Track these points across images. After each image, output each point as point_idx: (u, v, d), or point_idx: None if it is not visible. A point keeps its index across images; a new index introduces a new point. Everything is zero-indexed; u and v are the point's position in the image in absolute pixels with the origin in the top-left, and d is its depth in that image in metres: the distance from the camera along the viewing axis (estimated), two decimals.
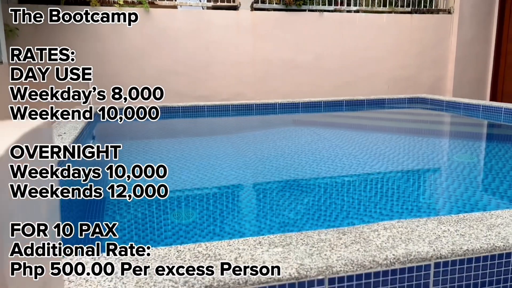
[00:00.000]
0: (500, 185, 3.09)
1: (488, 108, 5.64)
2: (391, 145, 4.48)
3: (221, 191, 3.16)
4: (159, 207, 2.79)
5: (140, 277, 1.22)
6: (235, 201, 3.03)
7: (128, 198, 2.79)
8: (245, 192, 3.20)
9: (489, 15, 8.80)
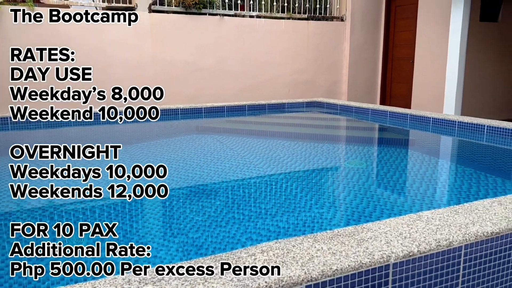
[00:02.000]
0: (385, 191, 3.33)
1: (376, 112, 6.10)
2: (289, 152, 4.61)
3: (109, 209, 2.97)
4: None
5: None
6: (124, 219, 2.87)
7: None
8: (138, 209, 3.04)
9: (377, 22, 9.54)
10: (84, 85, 6.26)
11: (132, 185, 3.00)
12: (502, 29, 8.63)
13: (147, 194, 2.76)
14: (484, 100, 8.67)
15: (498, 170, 3.89)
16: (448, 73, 6.54)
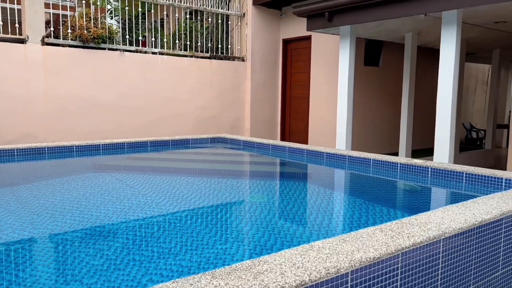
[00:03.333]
0: (285, 223, 3.47)
1: (276, 147, 6.39)
2: (192, 188, 4.59)
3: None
4: None
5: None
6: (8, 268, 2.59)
7: None
8: (32, 255, 2.78)
9: (275, 63, 10.13)
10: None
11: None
12: (383, 73, 9.73)
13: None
14: (370, 135, 9.58)
15: (382, 199, 4.29)
16: (338, 111, 7.14)
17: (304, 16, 7.47)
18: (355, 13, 6.51)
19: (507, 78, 13.54)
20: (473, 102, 14.36)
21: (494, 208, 2.49)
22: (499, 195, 2.88)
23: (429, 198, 4.38)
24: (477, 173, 3.93)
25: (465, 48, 9.17)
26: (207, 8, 9.10)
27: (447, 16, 5.56)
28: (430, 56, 9.72)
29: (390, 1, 5.93)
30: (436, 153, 5.72)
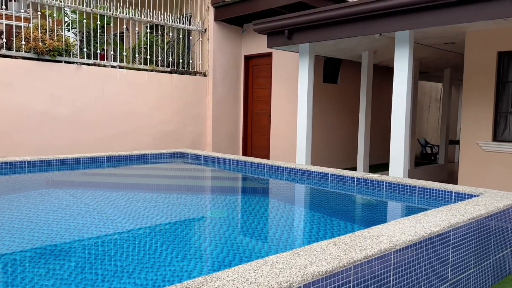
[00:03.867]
0: (244, 238, 3.46)
1: (237, 162, 6.40)
2: (150, 205, 4.50)
3: None
4: None
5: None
6: None
7: None
8: None
9: (237, 79, 10.20)
10: None
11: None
12: (341, 90, 10.01)
13: None
14: (330, 150, 9.77)
15: (339, 213, 4.37)
16: (298, 127, 7.26)
17: (264, 33, 7.60)
18: (313, 31, 6.68)
19: (458, 96, 14.25)
20: (427, 118, 14.99)
21: (442, 221, 2.60)
22: (448, 207, 3.00)
23: (383, 211, 4.50)
24: (429, 187, 4.09)
25: (418, 67, 9.60)
26: (168, 23, 9.08)
27: (400, 36, 5.82)
28: (387, 74, 10.10)
29: (347, 21, 6.15)
30: (391, 168, 5.90)
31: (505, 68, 6.57)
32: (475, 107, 6.75)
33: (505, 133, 6.62)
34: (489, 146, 6.60)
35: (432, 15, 5.24)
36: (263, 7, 8.46)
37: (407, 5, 5.38)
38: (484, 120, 6.66)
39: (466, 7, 4.94)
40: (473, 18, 4.92)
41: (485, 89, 6.63)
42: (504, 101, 6.61)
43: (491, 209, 2.97)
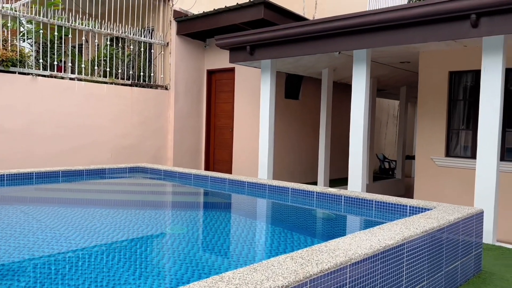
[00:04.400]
0: (204, 254, 3.41)
1: (198, 177, 6.33)
2: (107, 221, 4.37)
3: None
4: None
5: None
6: None
7: None
8: None
9: (199, 93, 10.17)
10: None
11: None
12: (303, 106, 10.18)
13: None
14: (292, 165, 9.87)
15: (299, 227, 4.40)
16: (260, 141, 7.30)
17: (227, 49, 7.65)
18: (274, 48, 6.80)
19: (413, 113, 14.83)
20: (385, 134, 15.48)
21: (397, 234, 2.66)
22: (403, 221, 3.09)
23: (341, 225, 4.57)
24: (385, 201, 4.20)
25: (376, 84, 9.94)
26: (129, 35, 8.97)
27: (358, 55, 6.02)
28: (347, 90, 10.39)
29: (307, 38, 6.30)
30: (350, 182, 6.03)
31: (456, 87, 6.92)
32: (429, 124, 7.04)
33: (457, 149, 6.93)
34: (442, 161, 6.89)
35: (388, 35, 5.47)
36: (225, 23, 8.54)
37: (364, 25, 5.58)
38: (438, 136, 6.95)
39: (419, 28, 5.18)
40: (425, 39, 5.16)
41: (438, 107, 6.94)
42: (455, 118, 6.93)
43: (442, 222, 3.08)
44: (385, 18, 5.37)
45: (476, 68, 5.84)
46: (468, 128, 6.76)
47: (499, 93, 4.75)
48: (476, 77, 6.54)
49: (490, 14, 4.58)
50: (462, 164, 6.62)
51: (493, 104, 4.78)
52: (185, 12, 9.58)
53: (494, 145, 4.79)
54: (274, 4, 8.00)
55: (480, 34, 4.69)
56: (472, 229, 3.55)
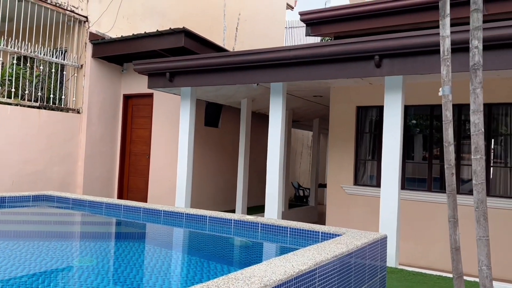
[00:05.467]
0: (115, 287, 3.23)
1: (110, 206, 6.03)
2: (4, 254, 3.96)
3: None
4: None
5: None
6: None
7: None
8: None
9: (115, 118, 9.81)
10: None
11: None
12: (223, 134, 10.28)
13: None
14: (211, 193, 9.83)
15: (217, 256, 4.37)
16: (178, 169, 7.20)
17: (145, 74, 7.54)
18: (195, 76, 6.85)
19: (325, 143, 15.69)
20: (300, 163, 16.12)
21: (309, 259, 2.77)
22: (315, 247, 3.22)
23: (258, 252, 4.63)
24: (299, 228, 4.35)
25: (291, 116, 10.40)
26: (39, 55, 8.45)
27: (275, 87, 6.29)
28: (265, 120, 10.72)
29: (226, 69, 6.45)
30: (267, 210, 6.15)
31: (363, 121, 7.49)
32: (339, 154, 7.50)
33: (364, 178, 7.44)
34: (351, 189, 7.33)
35: (302, 70, 5.80)
36: (144, 48, 8.44)
37: (281, 60, 5.88)
38: (347, 166, 7.42)
39: (331, 65, 5.58)
40: (335, 76, 5.57)
41: (347, 139, 7.44)
42: (362, 149, 7.47)
43: (351, 247, 3.27)
44: (300, 55, 5.70)
45: (380, 104, 6.41)
46: (374, 158, 7.31)
47: (399, 127, 5.24)
48: (380, 112, 7.15)
49: (391, 56, 5.10)
50: (369, 192, 7.11)
51: (395, 137, 5.25)
52: (102, 35, 9.30)
53: (396, 175, 5.23)
54: (195, 33, 8.11)
55: (382, 73, 5.18)
56: (377, 253, 3.81)
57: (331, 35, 7.57)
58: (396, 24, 6.48)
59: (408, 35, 4.99)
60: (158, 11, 10.67)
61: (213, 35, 11.10)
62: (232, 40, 12.54)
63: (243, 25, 13.07)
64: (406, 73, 5.07)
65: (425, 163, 6.88)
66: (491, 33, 4.35)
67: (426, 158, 6.90)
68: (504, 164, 6.30)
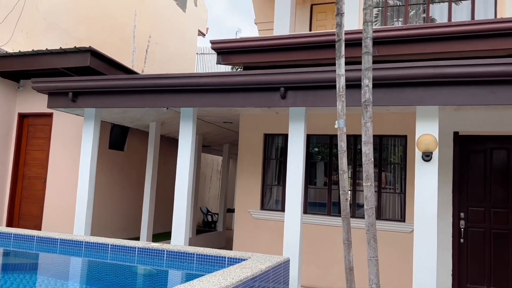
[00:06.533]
0: None
1: None
2: None
3: None
4: None
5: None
6: None
7: None
8: None
9: (7, 138, 9.00)
10: None
11: None
12: (128, 157, 9.93)
13: None
14: (114, 219, 9.36)
15: (118, 286, 4.18)
16: (78, 194, 6.78)
17: (45, 93, 7.07)
18: (100, 97, 6.60)
19: (235, 168, 15.91)
20: (209, 188, 16.10)
21: (215, 285, 2.80)
22: (221, 272, 3.26)
23: (163, 280, 4.52)
24: (206, 254, 4.35)
25: (201, 140, 10.44)
26: None
27: (185, 112, 6.30)
28: (174, 144, 10.59)
29: (135, 91, 6.32)
30: (174, 236, 6.04)
31: (270, 148, 7.80)
32: (247, 179, 7.69)
33: (270, 203, 7.69)
34: (257, 214, 7.52)
35: (213, 97, 5.92)
36: (45, 66, 7.94)
37: (192, 86, 5.94)
38: (254, 191, 7.62)
39: (240, 94, 5.77)
40: (244, 105, 5.77)
41: (255, 164, 7.66)
42: (269, 175, 7.75)
43: (256, 271, 3.36)
44: (210, 82, 5.83)
45: (286, 132, 6.74)
46: (279, 184, 7.61)
47: (302, 154, 5.56)
48: (286, 140, 7.51)
49: (295, 89, 5.44)
50: (274, 216, 7.35)
51: (298, 164, 5.55)
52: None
53: (298, 200, 5.51)
54: (102, 54, 7.85)
55: (287, 104, 5.49)
56: (281, 276, 3.95)
57: (241, 65, 7.83)
58: (301, 59, 6.93)
59: (309, 70, 5.38)
60: (63, 28, 10.16)
61: (121, 56, 10.83)
62: (142, 62, 12.33)
63: (153, 48, 12.94)
64: (308, 105, 5.43)
65: (325, 189, 7.33)
66: (381, 73, 4.88)
67: (326, 184, 7.37)
68: (394, 190, 6.97)
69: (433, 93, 4.82)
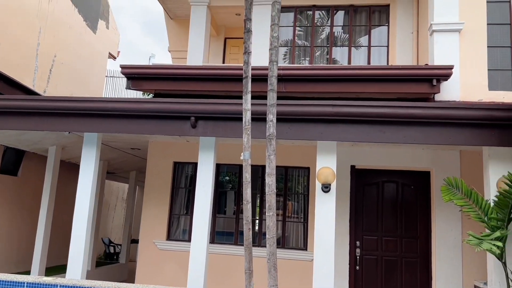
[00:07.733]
0: None
1: None
2: None
3: None
4: None
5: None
6: None
7: None
8: None
9: None
10: None
11: None
12: (23, 183, 9.12)
13: None
14: (2, 251, 8.43)
15: None
16: None
17: None
18: None
19: (141, 196, 15.35)
20: (113, 218, 15.27)
21: None
22: None
23: None
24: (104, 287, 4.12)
25: (106, 167, 9.96)
26: None
27: (88, 137, 6.02)
28: (76, 170, 9.97)
29: (34, 113, 5.91)
30: (69, 269, 5.63)
31: (179, 176, 7.71)
32: (154, 208, 7.47)
33: (177, 233, 7.53)
34: (163, 244, 7.31)
35: (120, 123, 5.75)
36: None
37: (98, 110, 5.73)
38: (161, 220, 7.42)
39: (149, 121, 5.69)
40: (153, 132, 5.69)
41: (163, 193, 7.50)
42: (177, 204, 7.62)
43: None
44: (118, 107, 5.67)
45: (196, 161, 6.74)
46: (187, 213, 7.52)
47: (210, 183, 5.59)
48: (195, 168, 7.49)
49: (205, 119, 5.52)
50: (181, 247, 7.20)
51: (206, 192, 5.57)
52: None
53: (205, 229, 5.50)
54: None
55: (197, 134, 5.54)
56: None
57: (151, 91, 7.73)
58: (213, 89, 7.04)
59: (220, 102, 5.52)
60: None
61: (21, 74, 10.08)
62: (45, 82, 11.56)
63: (58, 68, 12.23)
64: (217, 135, 5.53)
65: (234, 218, 7.40)
66: (286, 109, 5.17)
67: (235, 213, 7.45)
68: (298, 219, 7.27)
69: (332, 130, 5.21)
